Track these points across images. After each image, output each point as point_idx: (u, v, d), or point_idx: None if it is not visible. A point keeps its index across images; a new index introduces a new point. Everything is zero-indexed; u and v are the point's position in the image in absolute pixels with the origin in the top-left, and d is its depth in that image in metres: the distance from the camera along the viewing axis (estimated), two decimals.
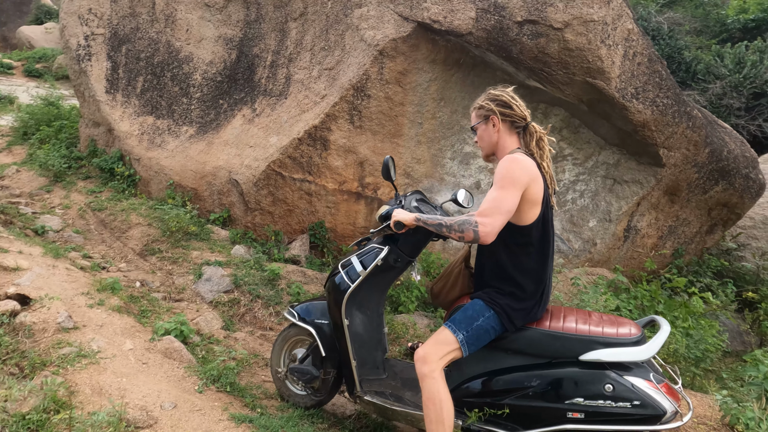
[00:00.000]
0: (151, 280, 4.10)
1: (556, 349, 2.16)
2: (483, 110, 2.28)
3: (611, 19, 4.06)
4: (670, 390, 2.08)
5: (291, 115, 4.97)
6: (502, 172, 2.07)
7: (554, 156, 5.25)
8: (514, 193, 2.03)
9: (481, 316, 2.19)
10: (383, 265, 2.47)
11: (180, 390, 2.59)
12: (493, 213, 2.03)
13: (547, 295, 2.26)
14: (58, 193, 5.55)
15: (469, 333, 2.17)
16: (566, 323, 2.20)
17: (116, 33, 6.12)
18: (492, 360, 2.26)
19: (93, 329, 2.96)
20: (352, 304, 2.55)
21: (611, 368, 2.09)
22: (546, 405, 2.14)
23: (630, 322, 2.23)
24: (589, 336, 2.13)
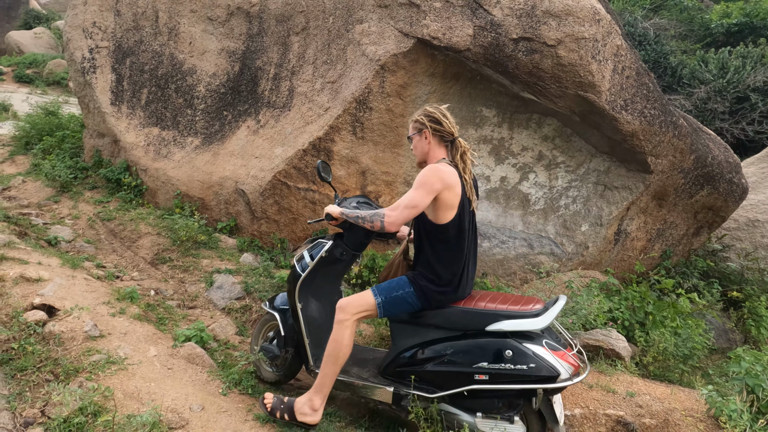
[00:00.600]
0: (164, 288, 4.26)
1: (468, 322, 2.54)
2: (417, 123, 2.68)
3: (601, 36, 4.29)
4: (564, 356, 2.41)
5: (295, 127, 5.14)
6: (420, 177, 2.47)
7: (548, 163, 5.48)
8: (424, 195, 2.43)
9: (402, 289, 2.60)
10: (329, 257, 2.88)
11: (206, 393, 2.77)
12: (399, 208, 2.46)
13: (466, 283, 2.62)
14: (66, 204, 5.68)
15: (386, 299, 2.59)
16: (480, 302, 2.58)
17: (120, 46, 6.26)
18: (419, 334, 2.65)
19: (118, 337, 3.12)
20: (306, 292, 2.95)
21: (512, 337, 2.46)
22: (458, 369, 2.50)
23: (536, 300, 2.59)
24: (494, 310, 2.51)
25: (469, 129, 5.30)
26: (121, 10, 6.26)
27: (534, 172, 5.50)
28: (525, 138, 5.39)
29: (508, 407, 2.53)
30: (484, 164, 5.43)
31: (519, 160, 5.47)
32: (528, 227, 5.64)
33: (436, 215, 2.51)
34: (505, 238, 5.66)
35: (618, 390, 2.92)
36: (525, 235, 5.66)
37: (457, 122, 5.27)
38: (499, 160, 5.43)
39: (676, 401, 2.83)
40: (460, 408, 2.57)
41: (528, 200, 5.58)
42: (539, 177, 5.53)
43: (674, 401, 2.84)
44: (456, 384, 2.50)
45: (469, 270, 2.63)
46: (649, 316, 4.12)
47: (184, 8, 6.13)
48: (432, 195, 2.43)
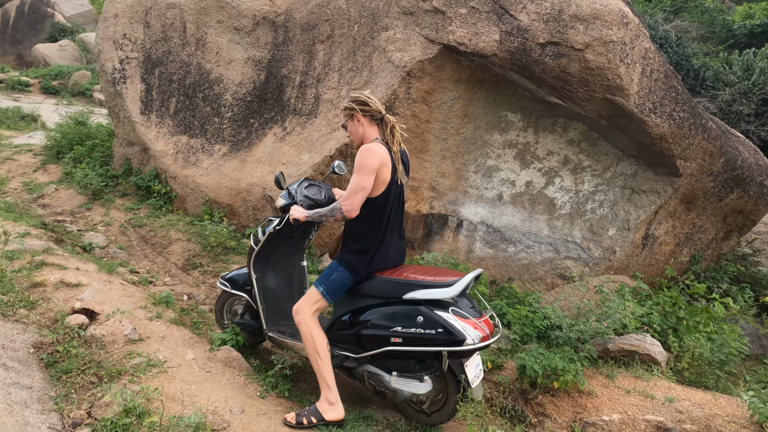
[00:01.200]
0: (196, 293, 4.33)
1: (389, 291, 2.77)
2: (347, 110, 2.88)
3: (629, 39, 4.28)
4: (472, 323, 2.63)
5: (322, 134, 5.20)
6: (358, 161, 2.69)
7: (573, 167, 5.45)
8: (367, 176, 2.66)
9: (335, 271, 2.85)
10: (281, 234, 3.21)
11: (244, 396, 2.81)
12: (351, 195, 2.69)
13: (388, 251, 2.86)
14: (97, 211, 5.81)
15: (327, 286, 2.84)
16: (403, 273, 2.82)
17: (149, 56, 6.40)
18: (351, 302, 2.91)
19: (156, 340, 3.19)
20: (264, 264, 3.30)
21: (425, 305, 2.68)
22: (377, 333, 2.75)
23: (454, 273, 2.80)
24: (411, 280, 2.74)
25: (494, 134, 5.30)
26: (150, 21, 6.42)
27: (560, 177, 5.48)
28: (550, 142, 5.37)
29: (423, 368, 2.77)
30: (509, 169, 5.42)
31: (544, 165, 5.45)
32: (554, 232, 5.61)
33: (372, 191, 2.74)
34: (531, 243, 5.64)
35: (656, 395, 2.89)
36: (551, 239, 5.63)
37: (482, 127, 5.31)
38: (525, 164, 5.42)
39: (717, 407, 2.79)
40: (381, 368, 2.83)
41: (554, 205, 5.55)
42: (565, 181, 5.50)
43: (715, 407, 2.79)
44: (376, 346, 2.75)
45: (392, 239, 2.88)
46: (682, 321, 4.06)
47: (211, 19, 6.25)
48: (373, 174, 2.67)
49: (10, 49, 27.78)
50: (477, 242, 5.65)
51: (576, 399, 2.98)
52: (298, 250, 3.51)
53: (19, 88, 21.14)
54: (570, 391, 3.01)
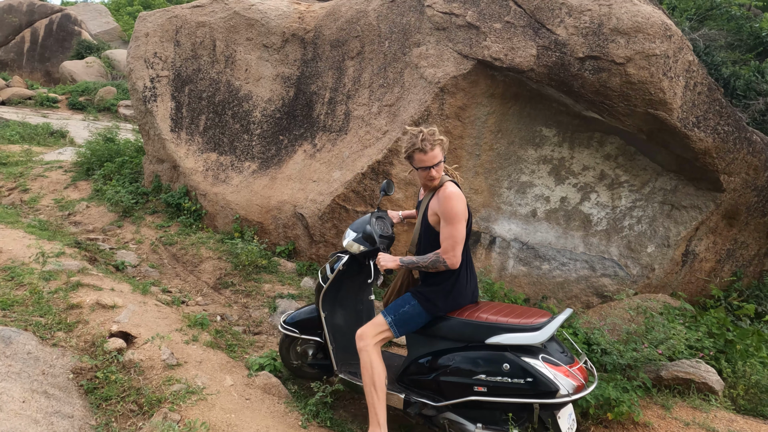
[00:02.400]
0: (229, 313, 4.27)
1: (469, 334, 2.58)
2: (443, 146, 2.71)
3: (672, 53, 4.15)
4: (564, 371, 2.40)
5: (353, 151, 5.15)
6: (451, 210, 2.58)
7: (610, 183, 5.30)
8: (462, 225, 2.60)
9: (407, 304, 2.72)
10: (349, 270, 3.07)
11: (286, 426, 2.73)
12: (454, 247, 2.59)
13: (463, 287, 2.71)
14: (128, 228, 5.83)
15: (396, 317, 2.71)
16: (483, 314, 2.62)
17: (179, 74, 6.45)
18: (428, 345, 2.74)
19: (194, 365, 3.13)
20: (332, 301, 3.15)
21: (511, 350, 2.46)
22: (459, 380, 2.55)
23: (541, 314, 2.58)
24: (494, 323, 2.53)
25: (529, 149, 5.19)
26: (180, 40, 6.47)
27: (596, 192, 5.33)
28: (586, 157, 5.24)
29: (515, 419, 2.52)
30: (544, 184, 5.30)
31: (580, 180, 5.31)
32: (590, 249, 5.45)
33: None
34: (566, 260, 5.49)
35: (718, 428, 2.73)
36: (587, 257, 5.48)
37: (515, 142, 5.20)
38: (559, 180, 5.29)
39: None
40: (464, 417, 2.62)
41: (589, 221, 5.40)
42: (601, 197, 5.35)
43: None
44: (457, 394, 2.56)
45: (470, 275, 2.76)
46: (732, 344, 3.87)
47: (240, 37, 6.28)
48: (465, 220, 2.61)
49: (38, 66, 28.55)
50: (510, 259, 5.52)
51: (631, 431, 2.83)
52: (366, 285, 3.31)
53: (47, 104, 21.65)
54: (624, 423, 2.87)
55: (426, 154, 2.62)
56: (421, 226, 2.78)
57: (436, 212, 2.66)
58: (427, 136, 2.67)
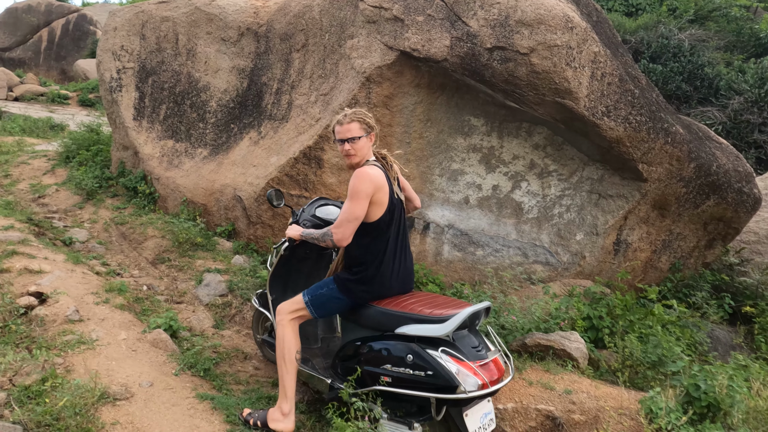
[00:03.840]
0: (157, 284, 4.59)
1: (382, 322, 2.55)
2: (366, 125, 2.70)
3: (576, 44, 4.34)
4: (469, 366, 2.27)
5: (290, 137, 5.44)
6: (352, 186, 2.55)
7: (540, 172, 5.49)
8: (361, 203, 2.53)
9: (326, 287, 2.74)
10: (294, 255, 3.15)
11: (159, 372, 3.01)
12: (343, 223, 2.56)
13: (391, 278, 2.66)
14: (88, 210, 6.20)
15: (312, 297, 2.74)
16: (402, 303, 2.57)
17: (144, 66, 6.82)
18: (353, 332, 2.74)
19: (95, 322, 3.43)
20: (282, 286, 3.19)
21: (419, 342, 2.39)
22: (369, 369, 2.52)
23: (458, 305, 2.49)
24: (404, 313, 2.48)
25: (458, 138, 5.41)
26: (146, 34, 6.84)
27: (526, 181, 5.52)
28: (515, 147, 5.43)
29: (419, 414, 2.47)
30: (475, 173, 5.51)
31: (510, 169, 5.51)
32: (522, 236, 5.64)
33: (368, 215, 2.60)
34: (499, 247, 5.68)
35: (557, 387, 2.92)
36: (519, 243, 5.66)
37: (445, 131, 5.42)
38: (490, 168, 5.50)
39: (613, 400, 2.80)
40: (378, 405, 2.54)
41: (521, 209, 5.59)
42: (532, 185, 5.54)
43: (611, 400, 2.81)
44: (368, 383, 2.52)
45: (396, 265, 2.68)
46: (619, 321, 4.06)
47: (200, 30, 6.62)
48: (366, 200, 2.53)
49: (54, 64, 29.45)
50: (445, 245, 5.73)
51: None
52: (315, 271, 3.30)
53: (58, 101, 22.37)
54: None
55: (341, 125, 2.68)
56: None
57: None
58: (348, 111, 2.75)
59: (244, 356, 3.61)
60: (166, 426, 2.51)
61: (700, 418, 2.61)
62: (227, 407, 2.73)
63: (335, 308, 2.74)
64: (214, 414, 2.67)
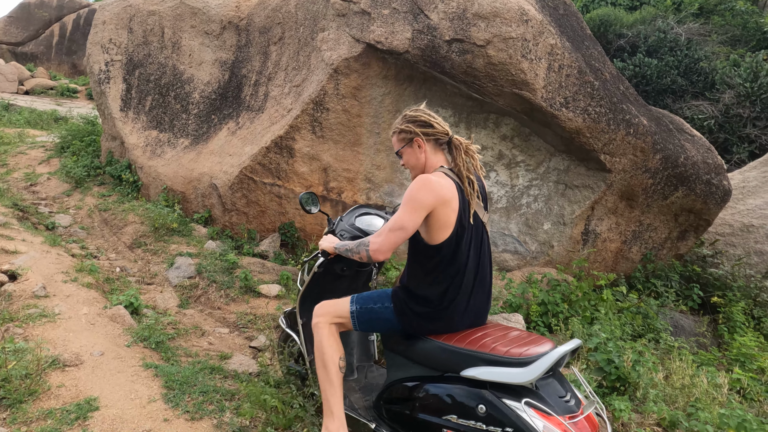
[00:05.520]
0: (131, 267, 4.80)
1: (444, 361, 2.08)
2: (405, 134, 2.27)
3: (531, 36, 4.45)
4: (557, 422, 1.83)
5: (264, 127, 5.62)
6: (407, 194, 2.10)
7: (508, 162, 5.61)
8: (412, 213, 2.04)
9: (380, 302, 2.25)
10: (329, 272, 2.60)
11: (112, 344, 3.21)
12: (385, 232, 2.09)
13: (461, 313, 2.16)
14: (76, 197, 6.45)
15: (361, 309, 2.27)
16: (468, 338, 2.09)
17: (131, 59, 7.04)
18: (404, 368, 2.25)
19: (61, 298, 3.65)
20: (312, 307, 2.60)
21: (492, 388, 1.93)
22: (425, 418, 2.07)
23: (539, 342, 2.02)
24: (474, 351, 2.00)
25: None
26: (133, 27, 7.06)
27: (495, 171, 5.65)
28: (484, 137, 5.56)
29: None
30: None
31: (479, 160, 5.62)
32: (491, 225, 5.77)
33: (429, 234, 2.11)
34: None
35: None
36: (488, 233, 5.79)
37: None
38: None
39: None
40: None
41: (490, 198, 5.72)
42: (500, 176, 5.66)
43: None
44: None
45: (471, 301, 2.17)
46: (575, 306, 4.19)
47: (185, 24, 6.82)
48: (422, 212, 2.04)
49: (66, 59, 29.96)
50: None
51: None
52: (353, 291, 2.72)
53: (67, 94, 22.78)
54: None
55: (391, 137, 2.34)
56: None
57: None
58: (399, 118, 2.33)
59: (201, 333, 3.81)
60: (107, 389, 2.71)
61: (610, 390, 2.74)
62: (168, 375, 2.92)
63: (383, 329, 2.30)
64: (155, 380, 2.86)
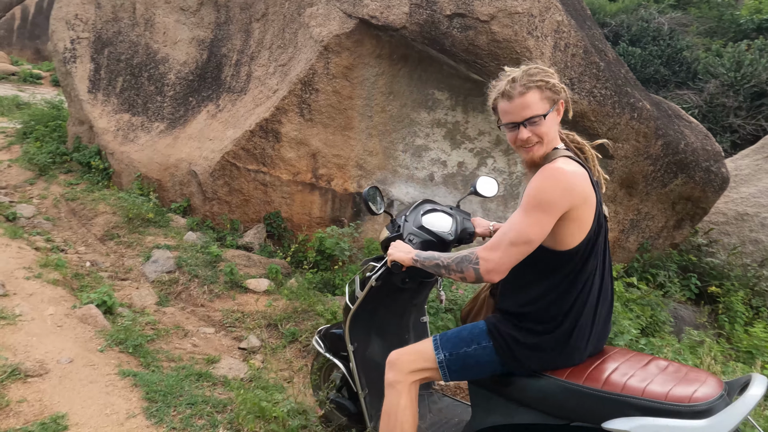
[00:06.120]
0: (102, 261, 4.38)
1: (573, 408, 1.55)
2: (553, 92, 1.70)
3: (538, 11, 4.18)
4: None
5: (247, 110, 5.22)
6: (534, 194, 1.58)
7: (506, 148, 5.35)
8: (543, 219, 1.56)
9: (474, 342, 1.75)
10: (387, 285, 2.11)
11: (82, 349, 2.83)
12: (503, 246, 1.59)
13: (586, 341, 1.67)
14: (40, 186, 5.95)
15: (452, 357, 1.75)
16: (601, 372, 1.57)
17: (100, 37, 6.52)
18: (502, 411, 1.73)
19: (22, 297, 3.24)
20: (366, 328, 2.23)
21: None
22: None
23: (702, 379, 1.49)
24: (619, 395, 1.47)
25: (422, 112, 5.24)
26: (101, 2, 6.53)
27: (492, 158, 5.39)
28: (481, 122, 5.28)
29: None
30: (440, 149, 5.35)
31: (476, 145, 5.36)
32: (488, 214, 5.52)
33: (557, 239, 1.63)
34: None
35: None
36: None
37: (408, 105, 5.25)
38: (455, 144, 5.35)
39: None
40: None
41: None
42: (498, 162, 5.40)
43: None
44: None
45: (594, 318, 1.68)
46: None
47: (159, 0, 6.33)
48: (555, 218, 1.57)
49: (28, 43, 28.49)
50: None
51: None
52: (412, 307, 2.35)
53: (30, 80, 21.62)
54: None
55: (511, 100, 1.67)
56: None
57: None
58: (515, 72, 1.72)
59: (183, 333, 3.45)
60: (78, 403, 2.35)
61: None
62: (149, 384, 2.56)
63: (482, 374, 1.78)
64: (134, 391, 2.51)
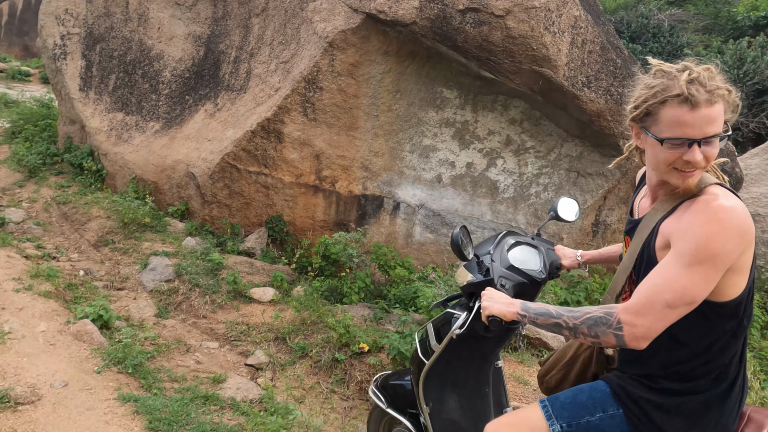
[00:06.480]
0: (96, 269, 4.15)
1: None
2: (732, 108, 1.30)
3: (555, 6, 3.99)
4: None
5: (247, 109, 5.00)
6: (702, 238, 1.26)
7: (516, 148, 5.17)
8: (711, 275, 1.27)
9: (600, 409, 1.44)
10: (468, 335, 1.81)
11: (77, 370, 2.61)
12: (656, 308, 1.28)
13: (733, 402, 1.43)
14: (29, 188, 5.69)
15: (571, 429, 1.44)
16: None
17: (91, 32, 6.26)
18: None
19: (12, 312, 3.01)
20: (442, 383, 1.98)
21: None
22: None
23: None
24: None
25: (430, 111, 5.04)
26: None
27: (502, 158, 5.20)
28: (491, 121, 5.10)
29: None
30: (448, 149, 5.16)
31: (485, 145, 5.18)
32: (497, 216, 5.34)
33: (718, 289, 1.33)
34: (473, 228, 5.37)
35: (531, 382, 2.63)
36: (494, 224, 5.36)
37: (415, 103, 5.05)
38: (464, 144, 5.16)
39: None
40: None
41: (496, 188, 5.28)
42: (508, 163, 5.22)
43: None
44: None
45: (745, 377, 1.46)
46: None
47: None
48: (723, 270, 1.28)
49: (17, 40, 27.99)
50: (416, 226, 5.40)
51: None
52: (491, 356, 2.04)
53: (19, 77, 21.20)
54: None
55: (697, 110, 1.22)
56: (636, 260, 1.44)
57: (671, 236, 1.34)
58: (705, 74, 1.25)
59: (186, 348, 3.24)
60: None
61: None
62: (152, 411, 2.35)
63: None
64: (135, 419, 2.29)
